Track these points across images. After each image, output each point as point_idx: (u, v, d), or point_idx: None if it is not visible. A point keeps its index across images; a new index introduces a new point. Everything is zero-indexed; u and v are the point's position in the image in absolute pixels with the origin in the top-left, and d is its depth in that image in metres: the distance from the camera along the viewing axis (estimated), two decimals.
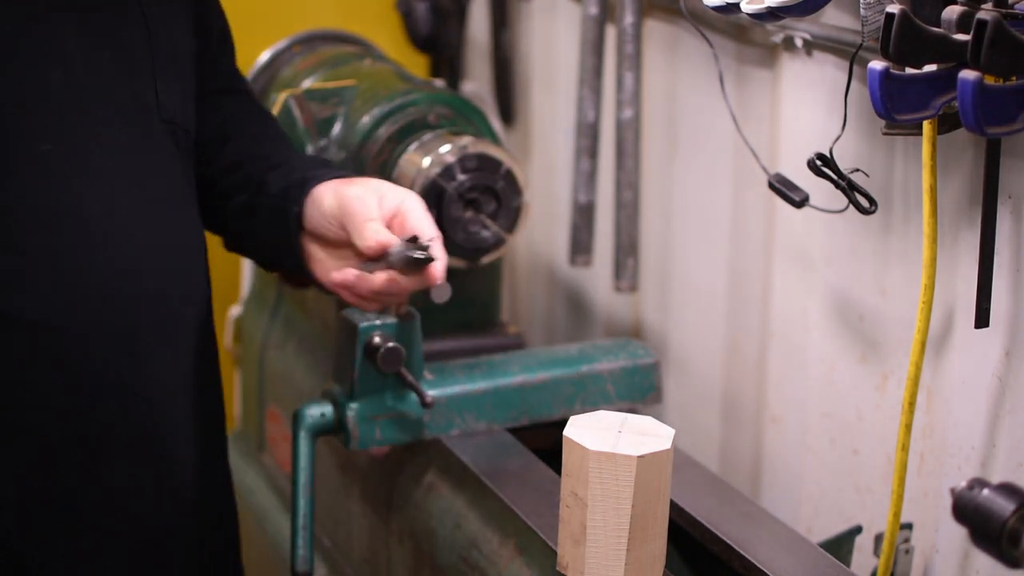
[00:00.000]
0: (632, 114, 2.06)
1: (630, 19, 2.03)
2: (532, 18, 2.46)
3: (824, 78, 1.73)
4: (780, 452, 1.91)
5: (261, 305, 2.29)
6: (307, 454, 1.67)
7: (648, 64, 2.09)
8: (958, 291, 1.55)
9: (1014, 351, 1.49)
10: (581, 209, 2.15)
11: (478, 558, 1.61)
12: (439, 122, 1.93)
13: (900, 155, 1.63)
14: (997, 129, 1.31)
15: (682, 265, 2.10)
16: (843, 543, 1.67)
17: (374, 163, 1.91)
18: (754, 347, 1.94)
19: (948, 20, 1.33)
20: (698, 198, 2.04)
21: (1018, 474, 1.50)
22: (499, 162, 1.87)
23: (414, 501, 1.77)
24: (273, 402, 2.22)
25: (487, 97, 2.57)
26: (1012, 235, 1.47)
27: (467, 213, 1.88)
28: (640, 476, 1.35)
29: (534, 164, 2.49)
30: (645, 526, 1.38)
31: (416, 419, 1.71)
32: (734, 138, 1.85)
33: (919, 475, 1.64)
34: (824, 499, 1.83)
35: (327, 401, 1.70)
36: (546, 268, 2.47)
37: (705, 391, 2.06)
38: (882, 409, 1.71)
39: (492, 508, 1.63)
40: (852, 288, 1.74)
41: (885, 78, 1.33)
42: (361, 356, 1.67)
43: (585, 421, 1.41)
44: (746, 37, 1.88)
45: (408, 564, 1.78)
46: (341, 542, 2.01)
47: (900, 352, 1.67)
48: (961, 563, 1.59)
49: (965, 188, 1.53)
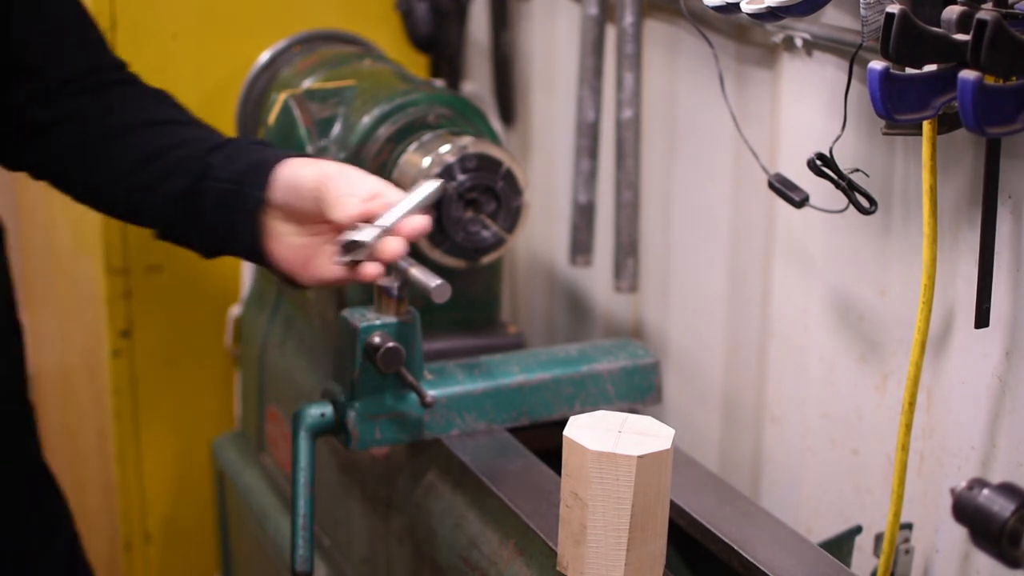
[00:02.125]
0: (632, 114, 2.06)
1: (630, 19, 2.03)
2: (532, 18, 2.46)
3: (824, 78, 1.73)
4: (780, 452, 1.91)
5: (261, 305, 2.29)
6: (307, 454, 1.67)
7: (648, 64, 2.09)
8: (958, 291, 1.55)
9: (1014, 351, 1.49)
10: (581, 209, 2.15)
11: (478, 558, 1.61)
12: (439, 122, 1.93)
13: (900, 155, 1.63)
14: (997, 129, 1.31)
15: (682, 265, 2.10)
16: (843, 543, 1.67)
17: (374, 163, 1.91)
18: (754, 347, 1.94)
19: (948, 20, 1.33)
20: (698, 198, 2.04)
21: (1018, 474, 1.50)
22: (499, 162, 1.87)
23: (414, 501, 1.77)
24: (273, 402, 2.22)
25: (487, 97, 2.57)
26: (1012, 235, 1.47)
27: (467, 213, 1.87)
28: (640, 476, 1.35)
29: (534, 164, 2.49)
30: (645, 526, 1.38)
31: (416, 419, 1.71)
32: (734, 138, 1.85)
33: (919, 475, 1.64)
34: (824, 499, 1.83)
35: (327, 401, 1.70)
36: (546, 268, 2.47)
37: (705, 391, 2.06)
38: (882, 409, 1.71)
39: (492, 508, 1.63)
40: (852, 288, 1.74)
41: (885, 78, 1.33)
42: (361, 356, 1.67)
43: (585, 421, 1.41)
44: (746, 37, 1.88)
45: (408, 564, 1.78)
46: (341, 542, 2.01)
47: (900, 352, 1.67)
48: (961, 563, 1.59)
49: (965, 188, 1.53)
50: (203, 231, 1.62)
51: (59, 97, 1.65)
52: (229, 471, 2.37)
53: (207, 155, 1.59)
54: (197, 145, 1.61)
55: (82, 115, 1.65)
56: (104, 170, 1.64)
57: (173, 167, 1.60)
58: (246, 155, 1.58)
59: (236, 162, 1.58)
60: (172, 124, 1.65)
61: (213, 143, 1.61)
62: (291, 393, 2.12)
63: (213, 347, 2.52)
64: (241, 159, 1.58)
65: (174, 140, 1.62)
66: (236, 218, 1.56)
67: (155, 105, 1.69)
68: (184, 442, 2.53)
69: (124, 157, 1.62)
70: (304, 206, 1.53)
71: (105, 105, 1.66)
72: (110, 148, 1.63)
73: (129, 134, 1.63)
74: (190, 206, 1.59)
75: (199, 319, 2.50)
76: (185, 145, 1.61)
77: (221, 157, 1.59)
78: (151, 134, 1.63)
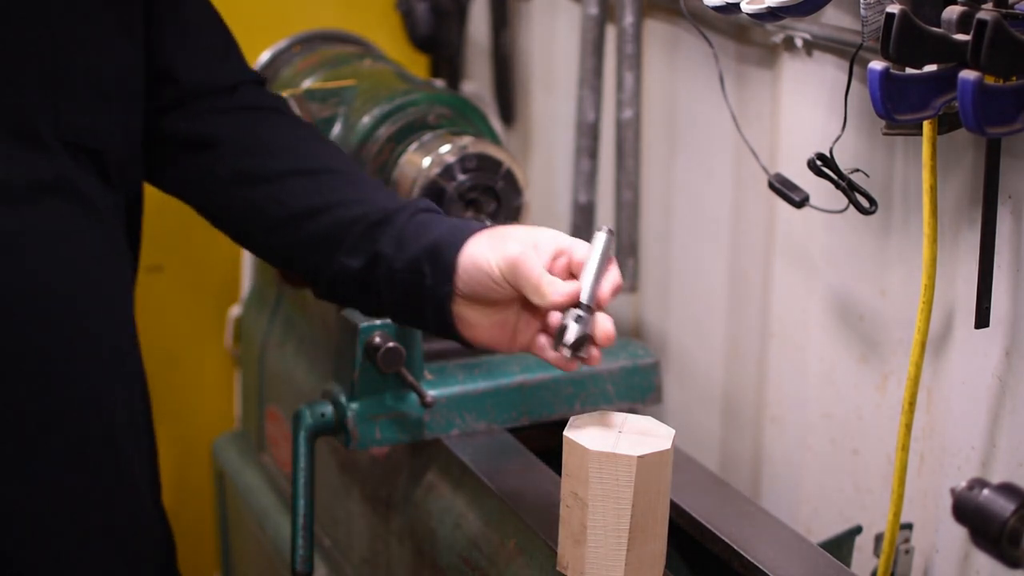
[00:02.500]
0: (632, 114, 2.06)
1: (630, 19, 2.03)
2: (532, 18, 2.46)
3: (824, 78, 1.73)
4: (780, 452, 1.91)
5: (261, 305, 2.29)
6: (307, 454, 1.67)
7: (648, 64, 2.09)
8: (958, 291, 1.55)
9: (1014, 351, 1.49)
10: (581, 209, 2.15)
11: (478, 558, 1.61)
12: (439, 122, 1.93)
13: (900, 155, 1.63)
14: (997, 129, 1.31)
15: (682, 265, 2.10)
16: (843, 543, 1.67)
17: (374, 163, 1.91)
18: (754, 347, 1.94)
19: (948, 20, 1.33)
20: (698, 198, 2.04)
21: (1018, 474, 1.50)
22: (499, 162, 1.87)
23: (414, 501, 1.77)
24: (273, 402, 2.22)
25: (487, 97, 2.57)
26: (1012, 235, 1.47)
27: (467, 213, 1.87)
28: (640, 476, 1.35)
29: (534, 164, 2.49)
30: (645, 526, 1.38)
31: (416, 419, 1.71)
32: (734, 138, 1.85)
33: (919, 475, 1.64)
34: (824, 499, 1.83)
35: (327, 401, 1.70)
36: None
37: (705, 391, 2.06)
38: (882, 409, 1.71)
39: (492, 508, 1.63)
40: (852, 288, 1.74)
41: (885, 78, 1.33)
42: (361, 356, 1.67)
43: (585, 421, 1.41)
44: (746, 37, 1.88)
45: (408, 564, 1.78)
46: (341, 542, 2.01)
47: (900, 352, 1.67)
48: (961, 563, 1.59)
49: (965, 188, 1.53)
50: (385, 312, 1.54)
51: (200, 110, 1.59)
52: (229, 471, 2.37)
53: (373, 232, 1.49)
54: (360, 211, 1.51)
55: (230, 144, 1.58)
56: (256, 215, 1.56)
57: (340, 236, 1.51)
58: (415, 238, 1.47)
59: (407, 247, 1.47)
60: (330, 175, 1.55)
61: (375, 216, 1.50)
62: (291, 393, 2.12)
63: (213, 347, 2.52)
64: (411, 244, 1.47)
65: (334, 197, 1.53)
66: (423, 309, 1.47)
67: (309, 144, 1.60)
68: (184, 442, 2.53)
69: (281, 206, 1.54)
70: (494, 296, 1.44)
71: (255, 136, 1.60)
72: (266, 191, 1.55)
73: (287, 179, 1.55)
74: (367, 288, 1.51)
75: (199, 319, 2.50)
76: (348, 207, 1.52)
77: (389, 240, 1.48)
78: (310, 184, 1.55)
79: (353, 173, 1.58)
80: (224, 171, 1.58)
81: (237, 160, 1.58)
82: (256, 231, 1.58)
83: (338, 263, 1.51)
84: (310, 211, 1.53)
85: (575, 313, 1.38)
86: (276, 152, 1.59)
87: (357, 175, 1.58)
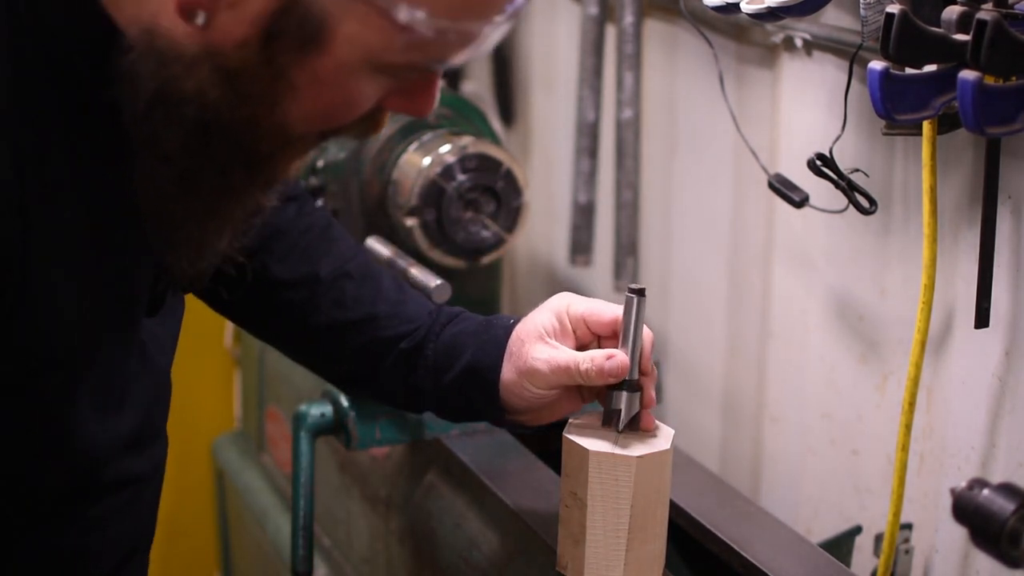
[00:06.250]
0: (632, 114, 2.06)
1: (630, 19, 2.03)
2: (532, 18, 2.46)
3: (824, 78, 1.73)
4: (780, 452, 1.91)
5: None
6: (307, 454, 1.67)
7: (648, 64, 2.09)
8: (958, 291, 1.55)
9: (1014, 351, 1.49)
10: (581, 209, 2.15)
11: (478, 558, 1.61)
12: (439, 122, 1.93)
13: (900, 155, 1.63)
14: (997, 129, 1.31)
15: (682, 265, 2.10)
16: (843, 543, 1.67)
17: (374, 163, 1.91)
18: (754, 347, 1.94)
19: (948, 20, 1.33)
20: (698, 198, 2.04)
21: (1018, 474, 1.49)
22: (499, 162, 1.87)
23: (414, 501, 1.77)
24: (273, 402, 2.22)
25: (487, 97, 2.57)
26: (1012, 235, 1.47)
27: (467, 213, 1.87)
28: (640, 476, 1.35)
29: (534, 164, 2.49)
30: (645, 526, 1.37)
31: (416, 419, 1.71)
32: (734, 138, 1.85)
33: (919, 475, 1.64)
34: (824, 499, 1.83)
35: (327, 401, 1.70)
36: (546, 268, 2.47)
37: (705, 391, 2.06)
38: (882, 409, 1.71)
39: (492, 508, 1.63)
40: (852, 288, 1.74)
41: (885, 78, 1.33)
42: None
43: (585, 421, 1.41)
44: (746, 37, 1.88)
45: (408, 564, 1.78)
46: (341, 542, 2.01)
47: (900, 352, 1.66)
48: (961, 563, 1.59)
49: (965, 188, 1.53)
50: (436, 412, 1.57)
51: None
52: (229, 471, 2.37)
53: (414, 376, 1.50)
54: (391, 333, 1.52)
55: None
56: (306, 354, 1.59)
57: (375, 360, 1.53)
58: (458, 384, 1.48)
59: (447, 376, 1.48)
60: (371, 322, 1.53)
61: (415, 358, 1.50)
62: (291, 393, 2.12)
63: (213, 347, 2.52)
64: (455, 388, 1.48)
65: (378, 348, 1.52)
66: (476, 414, 1.51)
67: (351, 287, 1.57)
68: (184, 442, 2.53)
69: (327, 356, 1.56)
70: (546, 401, 1.44)
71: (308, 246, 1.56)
72: (312, 340, 1.55)
73: (334, 330, 1.54)
74: (418, 406, 1.56)
75: (199, 319, 2.50)
76: (379, 323, 1.53)
77: (429, 379, 1.49)
78: (355, 333, 1.53)
79: (381, 313, 1.55)
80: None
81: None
82: (307, 363, 1.61)
83: (376, 387, 1.55)
84: (358, 353, 1.53)
85: (624, 395, 1.38)
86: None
87: (383, 298, 1.55)
